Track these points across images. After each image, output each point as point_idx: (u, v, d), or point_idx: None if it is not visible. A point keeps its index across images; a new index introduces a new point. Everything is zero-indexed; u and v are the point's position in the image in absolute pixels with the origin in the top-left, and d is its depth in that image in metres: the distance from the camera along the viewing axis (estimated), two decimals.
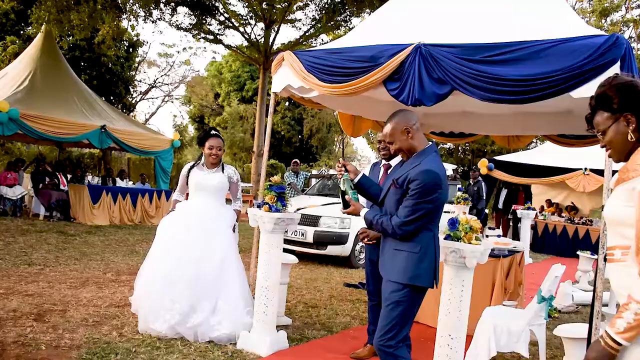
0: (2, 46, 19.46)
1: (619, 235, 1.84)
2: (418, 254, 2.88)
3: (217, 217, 4.74)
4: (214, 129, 4.94)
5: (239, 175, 5.12)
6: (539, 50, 3.67)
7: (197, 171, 4.84)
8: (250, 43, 16.87)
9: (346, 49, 4.41)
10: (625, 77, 1.94)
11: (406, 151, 3.02)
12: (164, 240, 4.70)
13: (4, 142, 19.85)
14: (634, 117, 1.87)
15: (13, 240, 8.74)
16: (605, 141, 1.98)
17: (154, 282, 4.51)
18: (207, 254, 4.52)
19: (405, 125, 2.98)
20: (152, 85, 31.87)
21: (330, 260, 9.04)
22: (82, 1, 13.22)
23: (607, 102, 1.93)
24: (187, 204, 4.89)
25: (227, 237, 4.71)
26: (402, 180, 2.90)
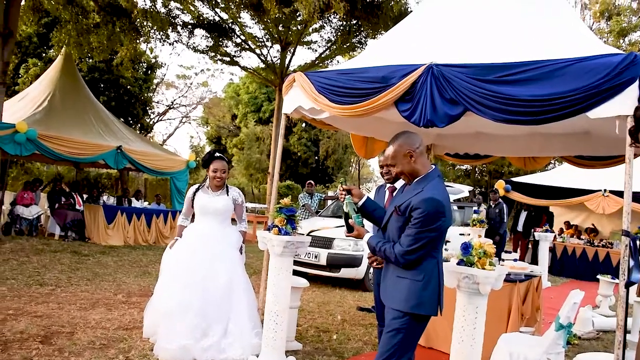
0: (25, 68, 19.85)
1: None
2: (421, 281, 2.78)
3: (223, 239, 4.73)
4: (219, 150, 4.94)
5: (244, 197, 5.10)
6: (554, 69, 3.58)
7: (202, 194, 4.84)
8: (266, 65, 17.00)
9: (357, 70, 4.36)
10: None
11: (408, 175, 2.94)
12: (171, 267, 4.69)
13: (23, 162, 20.12)
14: None
15: (27, 260, 8.76)
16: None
17: (165, 309, 4.49)
18: (213, 276, 4.50)
19: (408, 149, 2.89)
20: (169, 107, 32.25)
21: (343, 283, 8.91)
22: (102, 24, 13.44)
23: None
24: (192, 228, 4.88)
25: (233, 259, 4.70)
26: (404, 208, 2.81)
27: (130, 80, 21.20)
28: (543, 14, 4.54)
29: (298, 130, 29.54)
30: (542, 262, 11.14)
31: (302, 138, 29.61)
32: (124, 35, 13.52)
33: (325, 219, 9.80)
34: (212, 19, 15.38)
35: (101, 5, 13.38)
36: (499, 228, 11.57)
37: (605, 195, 12.56)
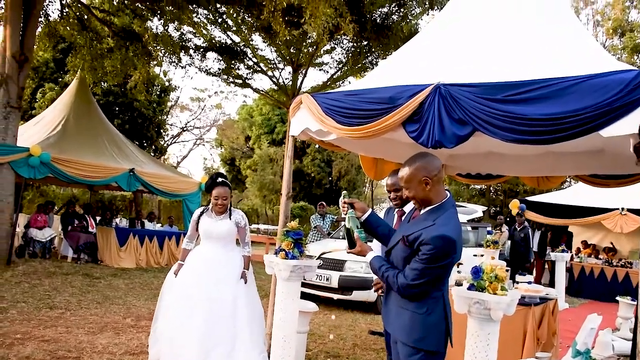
0: (41, 93, 20.19)
1: None
2: (423, 314, 2.64)
3: (227, 263, 4.73)
4: (221, 175, 4.91)
5: (247, 220, 5.05)
6: (565, 87, 3.49)
7: (206, 218, 4.84)
8: (278, 87, 17.09)
9: (364, 91, 4.31)
10: None
11: (420, 201, 2.76)
12: (175, 292, 4.66)
13: (39, 185, 20.33)
14: None
15: (39, 282, 8.77)
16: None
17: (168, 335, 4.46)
18: (217, 300, 4.48)
19: (425, 175, 2.68)
20: (183, 129, 32.53)
21: (355, 306, 8.77)
22: (115, 49, 13.65)
23: None
24: (196, 252, 4.88)
25: (237, 283, 4.68)
26: (412, 239, 2.63)
27: (144, 103, 21.43)
28: (552, 30, 4.47)
29: (312, 151, 29.57)
30: (559, 284, 10.90)
31: (315, 159, 29.62)
32: (137, 60, 13.70)
33: (337, 241, 9.71)
34: (224, 42, 15.54)
35: (115, 30, 13.60)
36: (525, 254, 11.24)
37: (623, 214, 12.31)
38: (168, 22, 13.07)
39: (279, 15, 10.16)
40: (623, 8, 25.75)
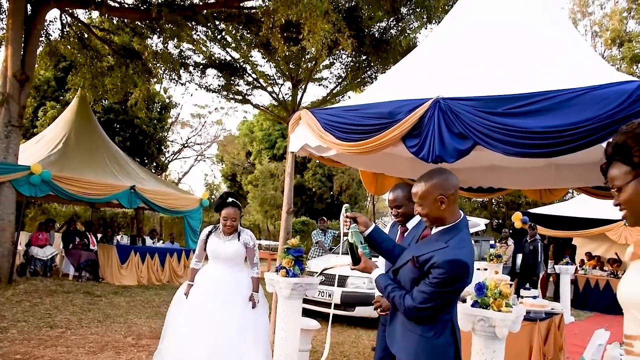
0: (43, 111, 20.27)
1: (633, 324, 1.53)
2: (431, 338, 2.52)
3: (233, 284, 4.66)
4: (232, 194, 4.85)
5: (256, 241, 4.99)
6: (566, 99, 3.46)
7: (214, 238, 4.79)
8: (278, 102, 17.10)
9: (363, 106, 4.28)
10: None
11: (433, 220, 2.61)
12: (182, 313, 4.61)
13: (41, 203, 20.32)
14: None
15: (40, 301, 8.71)
16: (622, 200, 1.68)
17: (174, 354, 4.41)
18: (224, 323, 4.41)
19: (442, 193, 2.55)
20: (184, 145, 32.59)
21: (358, 322, 8.68)
22: (115, 67, 13.70)
23: (628, 153, 1.63)
24: (204, 272, 4.83)
25: (243, 304, 4.60)
26: (423, 261, 2.49)
27: (144, 120, 21.48)
28: (551, 42, 4.45)
29: (312, 165, 29.55)
30: (564, 297, 10.79)
31: (316, 173, 29.59)
32: (137, 77, 13.74)
33: (339, 256, 9.64)
34: (224, 59, 15.58)
35: (115, 48, 13.66)
36: (533, 267, 11.11)
37: (627, 225, 12.23)
38: (167, 40, 13.11)
39: (277, 31, 10.20)
40: (621, 19, 25.87)
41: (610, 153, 1.71)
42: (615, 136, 1.69)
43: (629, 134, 1.64)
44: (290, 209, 5.10)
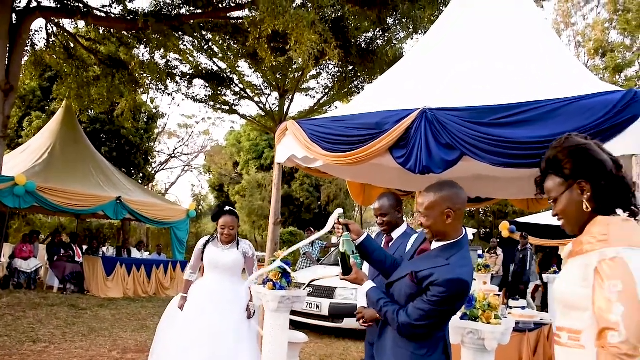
0: (28, 121, 20.08)
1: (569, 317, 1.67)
2: (423, 356, 2.42)
3: (231, 296, 4.52)
4: (229, 204, 4.78)
5: (255, 251, 4.86)
6: (552, 109, 3.47)
7: (212, 247, 4.65)
8: (265, 112, 17.11)
9: (350, 117, 4.27)
10: (579, 139, 1.78)
11: (435, 233, 2.50)
12: (176, 325, 4.47)
13: (25, 214, 20.07)
14: (589, 184, 1.71)
15: (23, 314, 8.55)
16: (558, 210, 1.80)
17: None
18: (220, 337, 4.27)
19: (450, 207, 2.43)
20: (171, 156, 32.43)
21: (346, 334, 8.60)
22: (102, 77, 13.59)
23: (559, 166, 1.77)
24: (200, 284, 4.69)
25: (240, 319, 4.46)
26: (421, 277, 2.39)
27: (131, 130, 21.35)
28: (537, 53, 4.48)
29: (300, 175, 29.51)
30: (552, 307, 10.77)
31: (304, 184, 29.55)
32: (123, 87, 13.65)
33: (327, 267, 9.60)
34: (211, 69, 15.57)
35: (101, 58, 13.57)
36: (521, 275, 11.10)
37: None
38: (154, 50, 13.05)
39: (264, 42, 10.18)
40: (603, 29, 26.26)
41: (544, 167, 1.84)
42: (548, 151, 1.83)
43: (558, 149, 1.78)
44: (278, 219, 5.03)
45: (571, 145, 1.76)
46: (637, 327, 1.49)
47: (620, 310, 1.50)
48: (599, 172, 1.71)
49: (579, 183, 1.73)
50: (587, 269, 1.62)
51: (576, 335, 1.68)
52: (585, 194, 1.72)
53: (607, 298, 1.54)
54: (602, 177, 1.71)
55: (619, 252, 1.57)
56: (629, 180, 1.77)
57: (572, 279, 1.69)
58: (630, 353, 1.47)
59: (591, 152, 1.73)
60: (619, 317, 1.50)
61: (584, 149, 1.74)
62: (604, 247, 1.59)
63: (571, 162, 1.74)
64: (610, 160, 1.75)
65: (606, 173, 1.72)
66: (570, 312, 1.68)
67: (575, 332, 1.69)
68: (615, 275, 1.54)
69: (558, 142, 1.81)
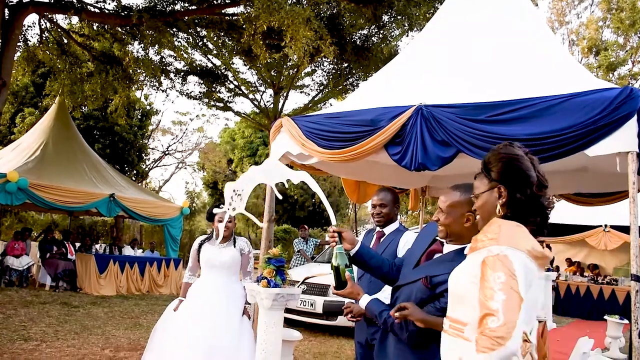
0: (21, 117, 19.93)
1: (456, 309, 1.80)
2: None
3: (230, 296, 4.46)
4: (223, 203, 4.70)
5: (252, 248, 4.80)
6: (548, 106, 3.46)
7: (208, 246, 4.60)
8: (259, 109, 17.06)
9: (345, 113, 4.24)
10: (516, 149, 1.91)
11: (450, 234, 2.38)
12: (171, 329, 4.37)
13: (17, 211, 19.95)
14: (506, 191, 1.85)
15: (14, 312, 8.48)
16: (476, 206, 1.98)
17: None
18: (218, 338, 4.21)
19: (471, 211, 2.30)
20: (165, 153, 32.29)
21: (341, 332, 8.59)
22: (95, 73, 13.50)
23: (489, 168, 1.92)
24: (197, 286, 4.60)
25: (239, 321, 4.41)
26: (437, 282, 2.29)
27: (125, 127, 21.24)
28: (533, 51, 4.46)
29: None
30: (546, 304, 10.80)
31: None
32: (117, 84, 13.56)
33: (321, 265, 9.57)
34: (205, 66, 15.51)
35: (94, 54, 13.48)
36: None
37: (607, 231, 12.37)
38: (148, 46, 12.97)
39: (259, 38, 10.14)
40: (597, 27, 26.34)
41: (481, 167, 1.99)
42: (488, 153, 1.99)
43: (494, 153, 1.94)
44: (272, 217, 4.99)
45: (505, 153, 1.90)
46: (513, 314, 1.61)
47: (502, 298, 1.64)
48: (519, 184, 1.85)
49: (499, 188, 1.87)
50: (478, 265, 1.75)
51: (461, 326, 1.83)
52: (501, 199, 1.86)
53: (490, 288, 1.67)
54: (520, 189, 1.85)
55: (503, 250, 1.71)
56: (546, 203, 1.90)
57: (465, 274, 1.83)
58: (504, 336, 1.59)
59: (519, 164, 1.87)
60: (500, 305, 1.63)
61: (513, 159, 1.88)
62: (492, 245, 1.73)
63: (498, 167, 1.88)
64: (537, 178, 1.88)
65: (525, 187, 1.85)
66: (458, 305, 1.82)
67: (460, 324, 1.83)
68: (499, 268, 1.68)
69: (497, 147, 1.97)
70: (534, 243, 1.77)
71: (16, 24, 11.22)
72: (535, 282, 1.76)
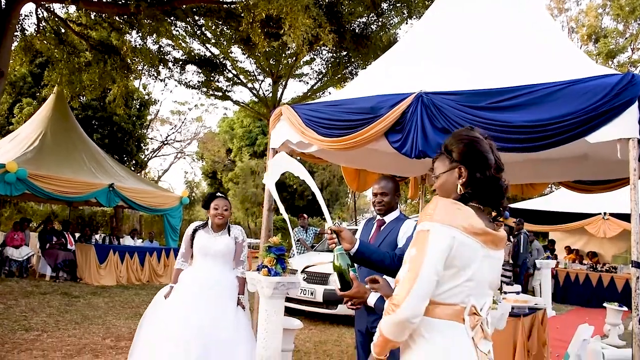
0: (19, 108, 19.86)
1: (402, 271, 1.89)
2: None
3: (224, 286, 4.35)
4: (219, 191, 4.67)
5: (246, 237, 4.68)
6: (549, 93, 3.43)
7: (202, 234, 4.48)
8: (258, 98, 17.03)
9: (345, 101, 4.21)
10: (476, 133, 2.01)
11: None
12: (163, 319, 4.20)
13: (17, 202, 19.94)
14: (466, 172, 1.94)
15: (15, 303, 8.49)
16: (437, 185, 2.07)
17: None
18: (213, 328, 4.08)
19: None
20: (164, 142, 32.25)
21: (341, 320, 8.61)
22: (93, 63, 13.43)
23: (449, 149, 2.01)
24: (190, 273, 4.48)
25: (235, 310, 4.30)
26: None
27: (123, 117, 21.16)
28: (533, 37, 4.43)
29: None
30: (545, 292, 10.83)
31: None
32: (115, 73, 13.49)
33: (320, 254, 9.57)
34: (203, 55, 15.44)
35: (92, 44, 13.40)
36: (516, 258, 11.17)
37: (606, 219, 12.38)
38: (146, 35, 12.91)
39: (257, 26, 10.06)
40: (596, 15, 26.24)
41: (442, 148, 2.08)
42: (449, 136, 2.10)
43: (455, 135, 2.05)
44: (272, 206, 4.96)
45: (466, 135, 2.00)
46: (408, 286, 1.76)
47: (406, 269, 1.81)
48: (478, 165, 1.93)
49: (459, 168, 1.96)
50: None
51: None
52: (461, 178, 1.95)
53: (405, 259, 1.84)
54: (479, 170, 1.93)
55: (426, 226, 1.82)
56: (504, 185, 1.98)
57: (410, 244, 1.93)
58: (397, 303, 1.77)
59: (479, 146, 1.95)
60: (403, 275, 1.81)
61: (474, 141, 1.97)
62: (425, 221, 1.83)
63: (459, 149, 1.97)
64: (495, 161, 1.96)
65: (484, 168, 1.94)
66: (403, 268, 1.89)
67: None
68: (415, 243, 1.83)
69: (458, 130, 2.09)
70: (473, 220, 1.84)
71: (13, 14, 11.14)
72: (479, 257, 1.84)
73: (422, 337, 1.84)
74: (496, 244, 1.92)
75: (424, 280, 1.77)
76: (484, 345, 1.90)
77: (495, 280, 1.98)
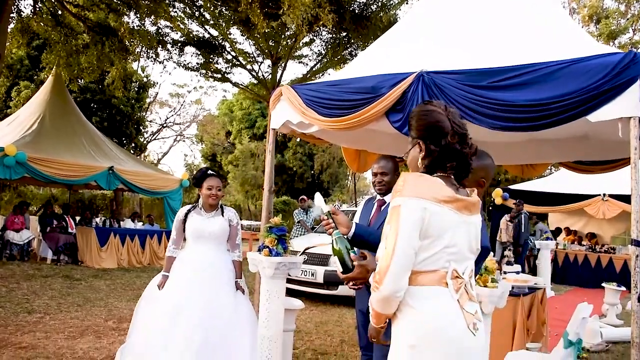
0: (17, 91, 19.76)
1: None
2: None
3: (219, 267, 4.24)
4: (210, 168, 4.55)
5: (239, 220, 4.59)
6: (551, 72, 3.41)
7: (195, 216, 4.32)
8: (257, 80, 16.93)
9: (345, 81, 4.18)
10: (428, 106, 2.02)
11: None
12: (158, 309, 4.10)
13: (16, 186, 19.93)
14: (424, 145, 1.97)
15: (17, 286, 8.54)
16: (405, 163, 2.14)
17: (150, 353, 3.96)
18: (211, 315, 4.01)
19: (483, 177, 2.47)
20: (163, 125, 32.18)
21: (341, 301, 8.66)
22: (91, 45, 13.32)
23: (410, 127, 2.05)
24: (183, 258, 4.33)
25: (233, 296, 4.22)
26: None
27: (122, 100, 21.07)
28: (535, 16, 4.38)
29: (293, 145, 29.39)
30: (545, 272, 10.89)
31: (297, 152, 29.44)
32: (113, 55, 13.39)
33: (321, 235, 9.59)
34: (202, 36, 15.32)
35: (90, 25, 13.28)
36: (517, 238, 11.23)
37: (605, 200, 12.40)
38: (144, 17, 12.80)
39: (256, 7, 9.97)
40: None
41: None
42: None
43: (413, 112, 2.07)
44: (272, 188, 4.94)
45: (418, 110, 2.04)
46: (386, 262, 1.83)
47: (383, 247, 1.88)
48: (432, 136, 1.96)
49: (418, 143, 2.00)
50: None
51: None
52: (421, 153, 1.99)
53: (382, 236, 1.92)
54: (434, 141, 1.95)
55: (397, 201, 1.86)
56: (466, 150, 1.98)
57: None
58: (376, 281, 1.86)
59: (430, 117, 1.97)
60: (382, 252, 1.88)
61: (424, 114, 2.00)
62: (396, 197, 1.88)
63: (415, 125, 2.01)
64: (452, 128, 1.96)
65: (439, 138, 1.95)
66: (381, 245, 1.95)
67: None
68: (389, 220, 1.88)
69: (416, 106, 2.15)
70: (442, 189, 1.88)
71: None
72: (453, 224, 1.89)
73: (408, 305, 1.89)
74: (469, 209, 1.95)
75: (400, 255, 1.82)
76: (469, 307, 1.93)
77: (475, 244, 2.00)
